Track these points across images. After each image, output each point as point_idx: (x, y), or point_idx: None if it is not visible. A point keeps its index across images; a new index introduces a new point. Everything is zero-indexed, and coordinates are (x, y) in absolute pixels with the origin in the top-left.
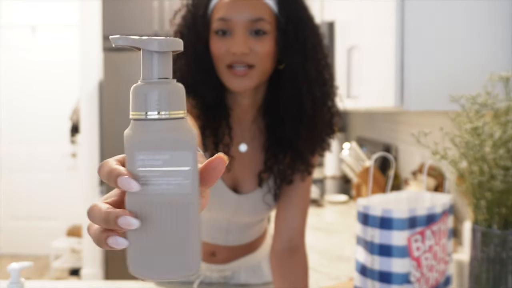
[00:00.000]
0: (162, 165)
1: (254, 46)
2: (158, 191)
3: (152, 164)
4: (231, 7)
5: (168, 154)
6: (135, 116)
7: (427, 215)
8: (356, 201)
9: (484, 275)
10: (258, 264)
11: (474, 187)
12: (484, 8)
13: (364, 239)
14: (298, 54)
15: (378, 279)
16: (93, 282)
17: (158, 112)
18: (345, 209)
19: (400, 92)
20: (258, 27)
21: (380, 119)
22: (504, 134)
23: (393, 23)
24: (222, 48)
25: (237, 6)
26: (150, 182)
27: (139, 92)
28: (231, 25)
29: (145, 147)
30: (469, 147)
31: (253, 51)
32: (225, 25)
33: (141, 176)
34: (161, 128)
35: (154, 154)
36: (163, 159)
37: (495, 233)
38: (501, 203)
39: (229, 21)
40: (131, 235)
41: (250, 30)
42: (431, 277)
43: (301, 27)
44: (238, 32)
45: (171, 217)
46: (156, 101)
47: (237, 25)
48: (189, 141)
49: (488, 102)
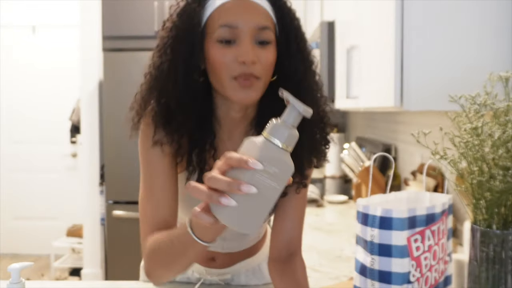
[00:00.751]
0: (273, 172)
1: (260, 55)
2: (264, 183)
3: (268, 169)
4: (237, 14)
5: (278, 168)
6: (268, 138)
7: (427, 215)
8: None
9: (484, 275)
10: (258, 266)
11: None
12: (484, 8)
13: (364, 239)
14: (296, 64)
15: (378, 279)
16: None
17: (283, 143)
18: (345, 209)
19: (399, 92)
20: (264, 35)
21: (380, 119)
22: (503, 134)
23: (393, 23)
24: (228, 58)
25: (244, 12)
26: (262, 177)
27: (281, 127)
28: (237, 33)
29: (269, 160)
30: (468, 147)
31: (259, 62)
32: (230, 32)
33: (258, 171)
34: (280, 153)
35: (272, 166)
36: (274, 170)
37: (495, 233)
38: (500, 203)
39: (236, 28)
40: (237, 199)
41: (255, 38)
42: (431, 277)
43: (297, 36)
44: (245, 40)
45: (264, 198)
46: (286, 137)
47: (244, 33)
48: (291, 165)
49: (487, 102)
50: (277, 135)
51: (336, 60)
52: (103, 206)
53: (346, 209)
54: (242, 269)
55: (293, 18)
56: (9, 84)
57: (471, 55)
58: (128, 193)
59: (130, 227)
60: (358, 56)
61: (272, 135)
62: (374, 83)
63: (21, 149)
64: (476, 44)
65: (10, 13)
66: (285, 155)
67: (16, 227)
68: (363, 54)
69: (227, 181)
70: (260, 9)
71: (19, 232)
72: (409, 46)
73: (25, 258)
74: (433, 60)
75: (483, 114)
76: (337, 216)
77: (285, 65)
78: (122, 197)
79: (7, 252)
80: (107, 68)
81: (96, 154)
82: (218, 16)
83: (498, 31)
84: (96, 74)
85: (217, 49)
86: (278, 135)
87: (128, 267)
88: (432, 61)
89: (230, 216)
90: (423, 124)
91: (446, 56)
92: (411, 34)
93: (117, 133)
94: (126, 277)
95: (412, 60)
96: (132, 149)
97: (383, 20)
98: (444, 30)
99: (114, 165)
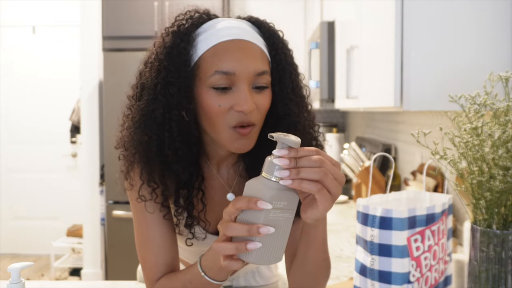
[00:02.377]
0: (283, 206)
1: (258, 101)
2: (278, 219)
3: (277, 206)
4: (234, 59)
5: (286, 201)
6: (268, 177)
7: (427, 215)
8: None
9: (484, 275)
10: (256, 269)
11: (474, 187)
12: (484, 8)
13: (364, 239)
14: (292, 103)
15: (378, 279)
16: (93, 282)
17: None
18: (345, 209)
19: (399, 92)
20: (262, 81)
21: (380, 119)
22: (503, 134)
23: (393, 23)
24: (224, 106)
25: (241, 57)
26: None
27: (271, 162)
28: (234, 80)
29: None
30: (468, 147)
31: (257, 108)
32: (227, 79)
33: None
34: (283, 187)
35: (280, 201)
36: (283, 204)
37: (495, 233)
38: (500, 203)
39: (233, 75)
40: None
41: (253, 84)
42: (431, 277)
43: (291, 74)
44: (243, 87)
45: (282, 230)
46: None
47: (242, 80)
48: (295, 193)
49: (487, 102)
50: (274, 171)
51: (336, 60)
52: (103, 206)
53: (346, 209)
54: (241, 272)
55: (287, 54)
56: (9, 84)
57: (471, 55)
58: None
59: (130, 227)
60: (358, 56)
61: (270, 173)
62: (374, 83)
63: (21, 149)
64: (476, 44)
65: (10, 13)
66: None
67: (16, 227)
68: (363, 54)
69: (245, 227)
70: (257, 50)
71: (19, 232)
72: (409, 46)
73: (25, 258)
74: (433, 60)
75: (483, 114)
76: (337, 216)
77: (279, 107)
78: (122, 197)
79: (7, 252)
80: (107, 68)
81: (96, 154)
82: (212, 59)
83: (498, 31)
84: (96, 74)
85: (211, 96)
86: (276, 171)
87: (128, 267)
88: (432, 61)
89: (257, 256)
90: (423, 124)
91: (446, 56)
92: (411, 34)
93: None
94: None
95: (412, 60)
96: None
97: (383, 20)
98: (444, 30)
99: (114, 165)
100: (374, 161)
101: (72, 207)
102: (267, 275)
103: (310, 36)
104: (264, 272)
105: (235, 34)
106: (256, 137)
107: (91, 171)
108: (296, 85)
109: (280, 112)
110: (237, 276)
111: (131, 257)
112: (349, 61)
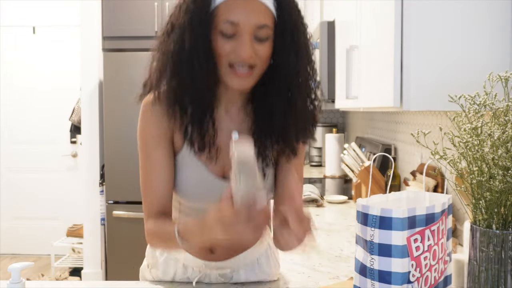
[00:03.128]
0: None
1: (257, 50)
2: None
3: None
4: (240, 12)
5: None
6: None
7: (427, 215)
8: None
9: (483, 275)
10: (256, 260)
11: (473, 187)
12: (484, 8)
13: (364, 239)
14: (291, 55)
15: (378, 279)
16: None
17: None
18: (345, 209)
19: (399, 92)
20: (263, 33)
21: (380, 119)
22: (503, 134)
23: (392, 23)
24: (227, 49)
25: (246, 11)
26: None
27: None
28: (238, 29)
29: None
30: (468, 147)
31: (256, 54)
32: (232, 28)
33: None
34: None
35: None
36: None
37: (494, 233)
38: (500, 203)
39: (237, 25)
40: None
41: (254, 35)
42: (431, 277)
43: (296, 30)
44: (245, 36)
45: None
46: None
47: (245, 30)
48: None
49: (487, 102)
50: None
51: (336, 60)
52: (103, 206)
53: (346, 209)
54: (240, 263)
55: (291, 13)
56: (9, 84)
57: (471, 55)
58: (128, 193)
59: (130, 227)
60: (358, 56)
61: None
62: (374, 83)
63: (21, 149)
64: (476, 44)
65: (10, 14)
66: None
67: (16, 227)
68: (363, 54)
69: None
70: (261, 6)
71: (19, 232)
72: (408, 46)
73: (25, 258)
74: (432, 60)
75: (483, 114)
76: (337, 216)
77: (278, 58)
78: (122, 197)
79: (7, 252)
80: (107, 68)
81: (96, 154)
82: (223, 10)
83: (498, 31)
84: (96, 74)
85: (219, 40)
86: None
87: (128, 267)
88: (432, 61)
89: None
90: (423, 124)
91: (446, 56)
92: (411, 34)
93: (117, 133)
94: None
95: (412, 60)
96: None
97: (383, 20)
98: (443, 30)
99: (114, 165)
100: (374, 161)
101: (72, 207)
102: (266, 270)
103: None
104: (264, 264)
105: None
106: (255, 79)
107: (91, 171)
108: (298, 40)
109: (278, 63)
110: (237, 268)
111: (131, 257)
112: (349, 61)
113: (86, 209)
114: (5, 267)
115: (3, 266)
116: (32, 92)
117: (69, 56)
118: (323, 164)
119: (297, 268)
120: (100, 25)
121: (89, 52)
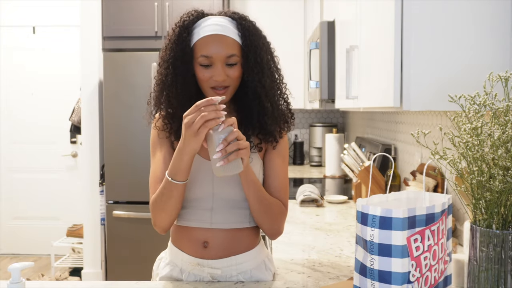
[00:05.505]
0: None
1: (229, 73)
2: None
3: None
4: (212, 47)
5: None
6: None
7: (427, 215)
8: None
9: (483, 275)
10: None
11: (473, 187)
12: (484, 8)
13: (364, 239)
14: (256, 71)
15: (378, 279)
16: (93, 282)
17: None
18: (345, 209)
19: (399, 92)
20: (232, 60)
21: (380, 119)
22: (503, 134)
23: (393, 23)
24: (206, 76)
25: (216, 45)
26: None
27: None
28: (212, 60)
29: None
30: (468, 147)
31: (228, 77)
32: (207, 60)
33: None
34: None
35: None
36: None
37: (494, 233)
38: (500, 203)
39: (211, 57)
40: None
41: (226, 62)
42: (431, 277)
43: (258, 51)
44: (218, 64)
45: None
46: None
47: (217, 60)
48: None
49: (487, 102)
50: None
51: (336, 60)
52: (103, 206)
53: (346, 209)
54: (233, 270)
55: (253, 39)
56: (9, 84)
57: (471, 55)
58: (128, 193)
59: (130, 227)
60: (358, 56)
61: None
62: (374, 83)
63: (21, 149)
64: (476, 44)
65: (10, 14)
66: None
67: (16, 227)
68: (363, 54)
69: None
70: (229, 40)
71: (19, 232)
72: (408, 46)
73: (25, 258)
74: (433, 60)
75: (483, 114)
76: (337, 216)
77: (245, 76)
78: (122, 197)
79: (7, 252)
80: (107, 68)
81: (96, 154)
82: (199, 47)
83: (497, 31)
84: (96, 74)
85: (200, 69)
86: None
87: (128, 267)
88: (432, 61)
89: None
90: (423, 124)
91: (446, 56)
92: (411, 34)
93: (117, 133)
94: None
95: (412, 60)
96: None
97: (382, 20)
98: (443, 30)
99: (114, 165)
100: (374, 161)
101: (72, 207)
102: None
103: (310, 36)
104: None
105: (215, 30)
106: (231, 94)
107: (91, 171)
108: (262, 59)
109: (248, 79)
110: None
111: (131, 257)
112: (349, 61)
113: (86, 209)
114: (5, 267)
115: (3, 266)
116: (32, 92)
117: (69, 56)
118: (323, 164)
119: (297, 268)
120: (100, 25)
121: (89, 52)
